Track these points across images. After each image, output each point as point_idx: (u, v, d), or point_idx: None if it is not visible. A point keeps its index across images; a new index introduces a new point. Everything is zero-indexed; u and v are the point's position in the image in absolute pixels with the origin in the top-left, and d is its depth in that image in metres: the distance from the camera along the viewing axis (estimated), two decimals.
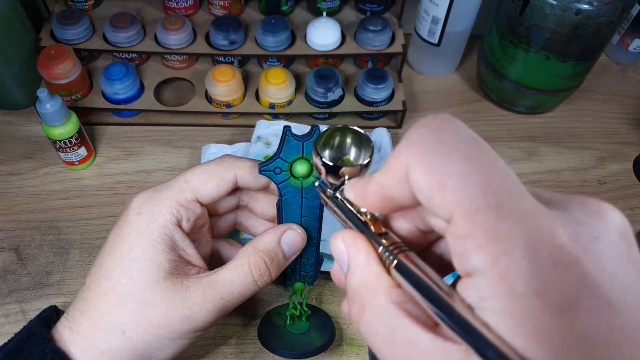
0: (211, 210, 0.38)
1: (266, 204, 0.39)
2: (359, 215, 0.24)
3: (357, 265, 0.22)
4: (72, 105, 0.54)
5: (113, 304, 0.32)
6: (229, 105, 0.56)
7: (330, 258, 0.45)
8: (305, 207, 0.37)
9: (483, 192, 0.17)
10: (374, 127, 0.56)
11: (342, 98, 0.57)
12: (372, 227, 0.23)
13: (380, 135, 0.54)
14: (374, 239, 0.23)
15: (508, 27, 0.55)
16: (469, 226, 0.17)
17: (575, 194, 0.20)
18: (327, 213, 0.36)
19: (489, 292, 0.17)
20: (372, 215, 0.24)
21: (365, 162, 0.26)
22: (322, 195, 0.28)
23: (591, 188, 0.56)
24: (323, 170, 0.27)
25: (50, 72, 0.51)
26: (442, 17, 0.57)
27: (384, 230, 0.23)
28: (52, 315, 0.34)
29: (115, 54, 0.58)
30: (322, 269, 0.41)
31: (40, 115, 0.47)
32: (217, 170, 0.35)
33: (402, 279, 0.20)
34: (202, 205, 0.35)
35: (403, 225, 0.24)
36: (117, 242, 0.33)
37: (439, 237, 0.24)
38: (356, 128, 0.27)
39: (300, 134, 0.35)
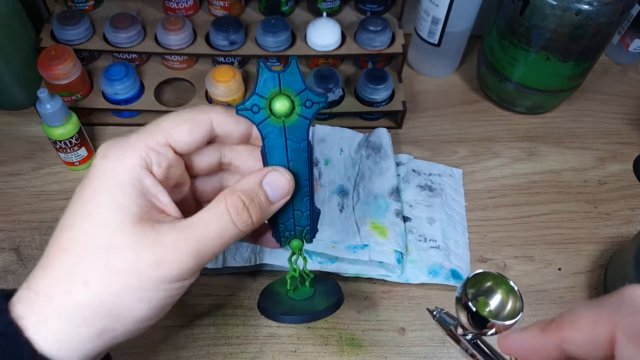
0: (190, 167, 0.35)
1: (250, 159, 0.36)
2: None
3: None
4: (72, 106, 0.54)
5: (75, 254, 0.28)
6: (229, 105, 0.56)
7: (341, 260, 0.44)
8: (290, 150, 0.33)
9: None
10: (373, 127, 0.56)
11: (342, 98, 0.57)
12: None
13: (380, 136, 0.54)
14: None
15: (508, 27, 0.55)
16: None
17: (575, 193, 0.19)
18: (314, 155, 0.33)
19: None
20: None
21: (515, 320, 0.25)
22: (448, 333, 0.28)
23: (591, 188, 0.56)
24: (468, 320, 0.26)
25: (50, 72, 0.51)
26: (442, 17, 0.57)
27: None
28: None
29: (115, 54, 0.58)
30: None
31: (40, 115, 0.47)
32: (190, 113, 0.32)
33: None
34: (175, 152, 0.32)
35: None
36: (82, 190, 0.30)
37: None
38: (510, 282, 0.26)
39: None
